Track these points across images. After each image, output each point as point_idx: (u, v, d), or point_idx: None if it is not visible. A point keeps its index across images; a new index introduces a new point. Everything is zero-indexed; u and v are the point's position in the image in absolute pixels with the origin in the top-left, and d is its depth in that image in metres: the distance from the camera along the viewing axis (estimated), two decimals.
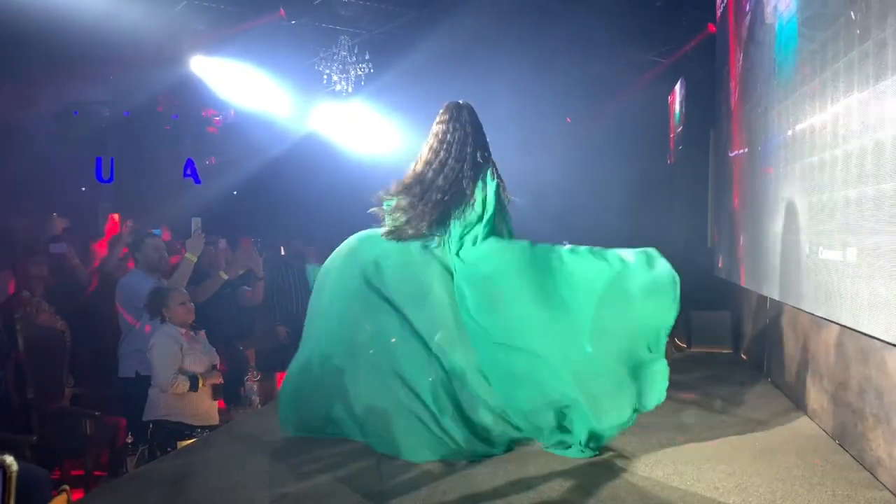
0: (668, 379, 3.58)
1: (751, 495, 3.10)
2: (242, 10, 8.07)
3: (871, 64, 2.79)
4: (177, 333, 4.70)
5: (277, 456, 3.68)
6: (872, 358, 3.38)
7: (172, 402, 4.58)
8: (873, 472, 3.33)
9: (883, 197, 2.64)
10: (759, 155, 4.87)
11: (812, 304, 3.58)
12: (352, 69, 8.22)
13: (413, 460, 3.50)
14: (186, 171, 11.57)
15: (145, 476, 3.63)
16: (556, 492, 3.15)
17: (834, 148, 3.21)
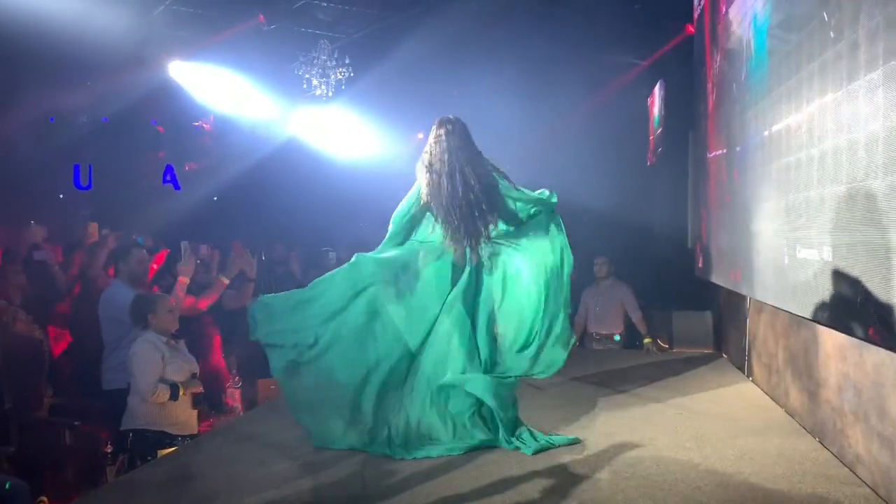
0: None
1: (733, 494, 3.12)
2: (220, 14, 8.02)
3: (844, 65, 2.82)
4: (158, 341, 4.64)
5: (259, 462, 3.66)
6: (850, 356, 3.42)
7: (152, 410, 4.53)
8: (853, 469, 3.36)
9: (857, 195, 2.67)
10: (736, 156, 4.91)
11: (790, 303, 3.62)
12: (332, 73, 8.20)
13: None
14: (166, 177, 11.49)
15: (126, 485, 3.60)
16: (538, 493, 3.15)
17: (810, 147, 3.25)
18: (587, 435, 4.03)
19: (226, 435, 4.26)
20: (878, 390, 3.09)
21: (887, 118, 2.40)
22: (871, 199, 2.54)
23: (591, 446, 3.83)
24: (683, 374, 5.71)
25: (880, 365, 3.06)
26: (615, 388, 5.24)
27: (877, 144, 2.49)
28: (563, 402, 4.83)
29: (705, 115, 6.13)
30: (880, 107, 2.45)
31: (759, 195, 4.25)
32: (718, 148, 5.63)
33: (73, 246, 7.42)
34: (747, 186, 4.59)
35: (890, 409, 2.97)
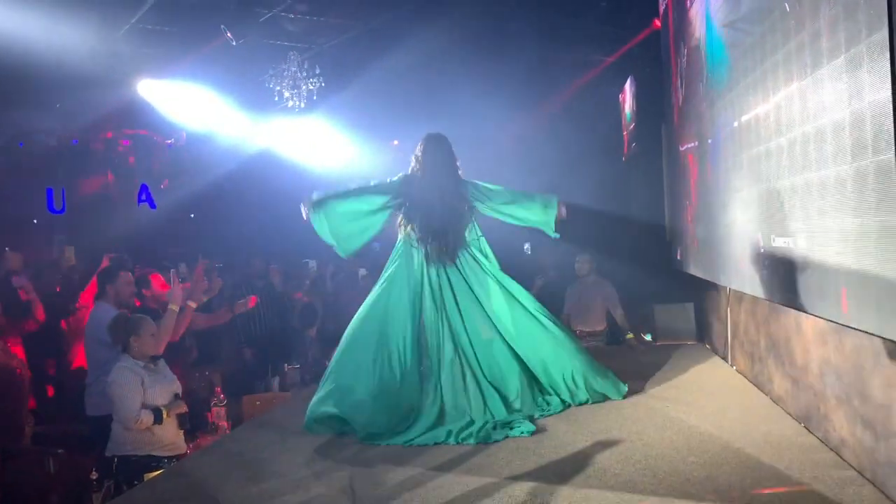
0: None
1: (721, 484, 3.14)
2: (187, 31, 7.96)
3: (807, 53, 2.85)
4: (136, 367, 4.56)
5: (248, 479, 3.63)
6: (830, 340, 3.45)
7: (137, 435, 4.46)
8: (839, 452, 3.39)
9: (827, 182, 2.69)
10: (708, 147, 4.95)
11: (769, 291, 3.65)
12: (303, 84, 8.16)
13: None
14: (141, 196, 11.41)
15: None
16: (527, 494, 3.15)
17: (779, 137, 3.28)
18: (575, 431, 4.04)
19: (212, 454, 4.22)
20: (859, 373, 3.12)
21: (852, 104, 2.42)
22: (841, 184, 2.57)
23: (580, 443, 3.84)
24: (668, 366, 5.74)
25: (859, 347, 3.10)
26: None
27: (843, 130, 2.51)
28: None
29: (676, 109, 6.18)
30: (845, 93, 2.48)
31: (733, 185, 4.29)
32: (690, 141, 5.67)
33: (42, 269, 7.34)
34: (720, 177, 4.63)
35: (871, 391, 3.00)
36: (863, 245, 2.41)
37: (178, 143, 11.31)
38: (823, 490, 3.00)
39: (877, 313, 2.32)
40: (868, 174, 2.33)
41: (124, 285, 5.33)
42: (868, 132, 2.30)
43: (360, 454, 3.91)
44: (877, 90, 2.21)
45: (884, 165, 2.20)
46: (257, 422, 4.98)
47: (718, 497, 3.00)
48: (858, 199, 2.42)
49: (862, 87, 2.33)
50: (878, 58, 2.18)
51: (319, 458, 3.90)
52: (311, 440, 4.27)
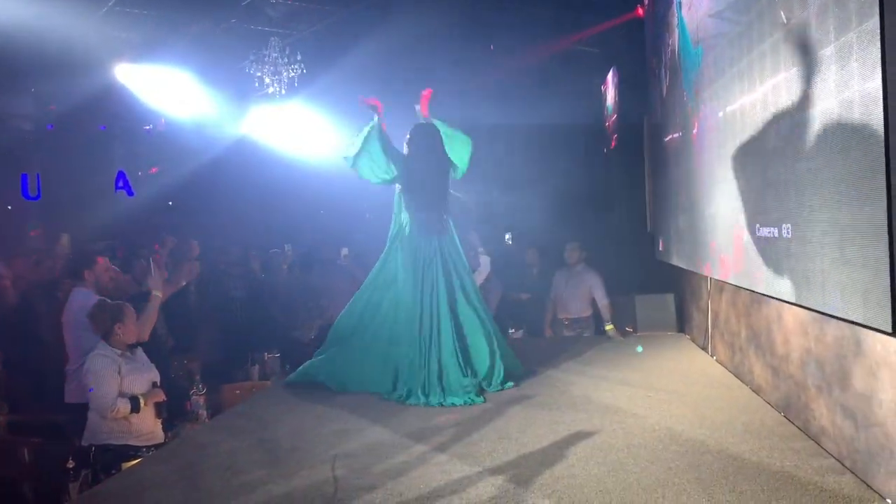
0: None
1: (704, 472, 3.15)
2: (166, 15, 7.83)
3: (795, 43, 2.84)
4: (114, 355, 4.49)
5: (227, 469, 3.58)
6: (811, 330, 3.47)
7: (114, 424, 4.39)
8: (818, 441, 3.42)
9: (814, 172, 2.70)
10: (693, 138, 4.95)
11: (752, 281, 3.66)
12: (284, 71, 8.06)
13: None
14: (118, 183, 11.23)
15: (90, 500, 3.50)
16: (511, 484, 3.14)
17: (765, 126, 3.28)
18: (557, 420, 4.05)
19: (191, 443, 4.17)
20: (840, 363, 3.14)
21: (840, 93, 2.42)
22: (828, 174, 2.57)
23: (562, 432, 3.84)
24: (649, 356, 5.77)
25: (841, 338, 3.12)
26: (583, 373, 5.27)
27: (831, 120, 2.51)
28: (532, 389, 4.84)
29: (660, 100, 6.18)
30: (833, 83, 2.48)
31: (717, 176, 4.29)
32: (674, 131, 5.67)
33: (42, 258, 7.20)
34: (705, 168, 4.63)
35: (852, 380, 3.02)
36: (849, 234, 2.41)
37: (156, 129, 11.14)
38: (804, 478, 3.02)
39: (863, 303, 2.33)
40: (857, 163, 2.33)
41: (103, 271, 5.24)
42: (857, 121, 2.30)
43: (342, 443, 3.88)
44: (866, 79, 2.21)
45: (872, 154, 2.20)
46: (237, 410, 4.93)
47: (701, 485, 3.01)
48: (846, 188, 2.42)
49: (851, 75, 2.33)
50: (869, 46, 2.17)
51: (301, 447, 3.86)
52: (291, 427, 4.24)
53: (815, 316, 3.34)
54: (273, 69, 8.02)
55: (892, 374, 2.67)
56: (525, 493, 3.04)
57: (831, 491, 2.87)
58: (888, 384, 2.70)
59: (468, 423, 4.14)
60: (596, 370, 5.33)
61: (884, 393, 2.73)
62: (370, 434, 4.03)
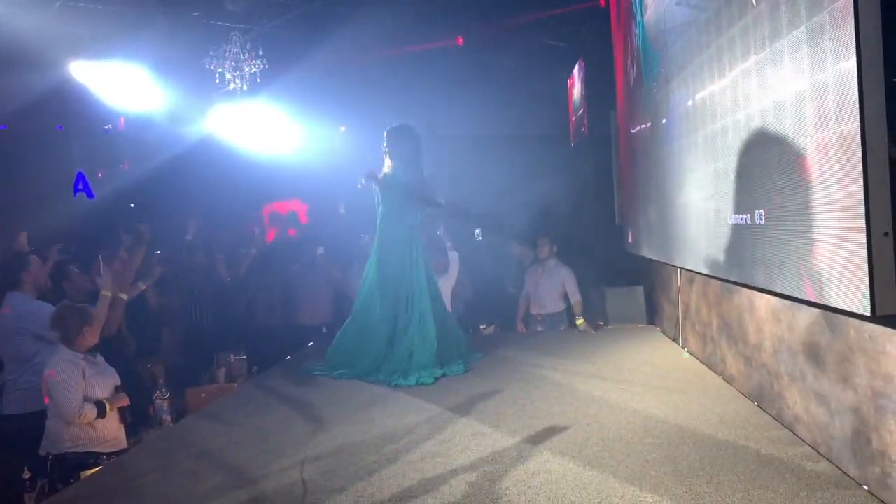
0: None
1: (680, 464, 3.11)
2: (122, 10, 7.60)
3: (765, 25, 2.81)
4: (76, 358, 4.35)
5: (192, 475, 3.46)
6: (784, 317, 3.46)
7: (77, 431, 4.25)
8: (792, 429, 3.41)
9: (787, 156, 2.66)
10: (662, 128, 4.93)
11: (724, 270, 3.63)
12: (245, 66, 7.87)
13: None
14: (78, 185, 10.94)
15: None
16: (486, 481, 3.07)
17: (735, 112, 3.24)
18: (531, 415, 3.99)
19: (155, 449, 4.03)
20: (814, 350, 3.12)
21: (813, 74, 2.38)
22: (801, 157, 2.54)
23: (536, 427, 3.78)
24: (620, 349, 5.75)
25: (813, 324, 3.10)
26: (556, 367, 5.23)
27: (804, 102, 2.48)
28: (506, 384, 4.78)
29: (627, 91, 6.16)
30: (806, 64, 2.44)
31: (687, 165, 4.27)
32: (643, 122, 5.65)
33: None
34: (674, 158, 4.61)
35: (825, 367, 3.00)
36: (825, 217, 2.37)
37: (115, 128, 10.86)
38: (781, 467, 3.00)
39: (840, 287, 2.30)
40: (830, 146, 2.29)
41: (38, 269, 5.04)
42: (831, 102, 2.26)
43: (311, 445, 3.78)
44: (841, 58, 2.17)
45: (848, 135, 2.16)
46: (203, 414, 4.79)
47: (678, 476, 2.97)
48: (819, 171, 2.38)
49: (825, 56, 2.29)
50: (843, 25, 2.13)
51: (269, 449, 3.75)
52: (259, 430, 4.13)
53: (788, 303, 3.32)
54: (234, 65, 7.84)
55: (866, 358, 2.65)
56: (500, 489, 2.97)
57: (808, 478, 2.85)
58: (862, 369, 2.68)
59: (441, 420, 4.06)
60: (569, 364, 5.30)
61: (858, 378, 2.71)
62: (340, 434, 3.93)
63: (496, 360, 5.61)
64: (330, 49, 8.28)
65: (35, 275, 5.00)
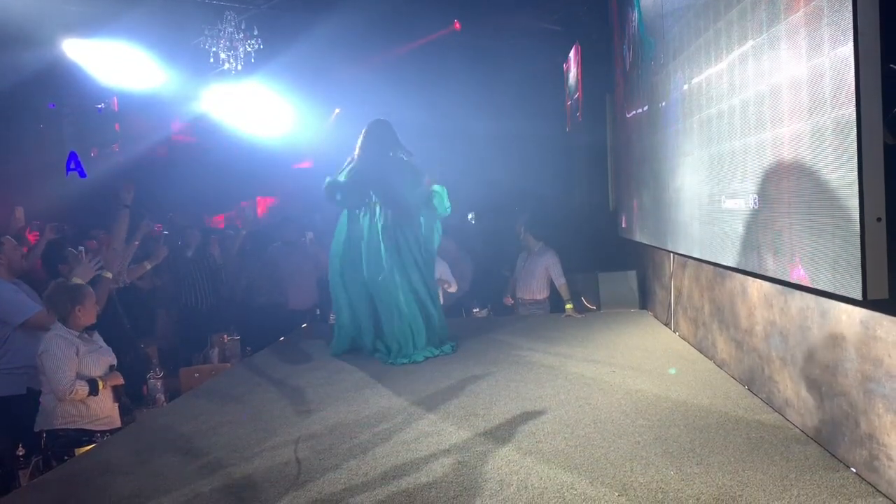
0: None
1: (671, 446, 3.14)
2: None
3: (763, 9, 2.81)
4: (70, 335, 4.35)
5: (186, 453, 3.48)
6: (776, 302, 3.48)
7: (70, 408, 4.25)
8: (783, 413, 3.44)
9: (782, 140, 2.67)
10: (657, 112, 4.93)
11: (716, 254, 3.65)
12: (240, 46, 7.82)
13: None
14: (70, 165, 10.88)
15: (42, 487, 3.35)
16: (477, 460, 3.09)
17: (731, 97, 3.25)
18: (523, 398, 4.02)
19: (149, 427, 4.05)
20: (805, 334, 3.15)
21: (811, 59, 2.39)
22: (797, 142, 2.55)
23: (529, 408, 3.81)
24: (612, 333, 5.78)
25: (805, 309, 3.12)
26: (548, 350, 5.26)
27: (801, 87, 2.48)
28: (498, 367, 4.80)
29: (624, 75, 6.15)
30: (803, 49, 2.45)
31: (682, 149, 4.27)
32: (637, 106, 5.65)
33: None
34: (669, 142, 4.61)
35: (816, 351, 3.03)
36: (819, 202, 2.39)
37: (109, 107, 10.79)
38: (770, 450, 3.03)
39: (833, 272, 2.31)
40: (826, 131, 2.30)
41: (11, 250, 5.00)
42: (827, 87, 2.27)
43: (304, 424, 3.80)
44: (838, 43, 2.18)
45: (843, 120, 2.17)
46: (196, 392, 4.80)
47: (669, 458, 3.00)
48: (814, 156, 2.40)
49: (822, 41, 2.30)
50: (841, 9, 2.14)
51: (262, 428, 3.77)
52: (253, 409, 4.14)
53: (779, 288, 3.34)
54: (229, 44, 7.78)
55: (856, 343, 2.68)
56: (492, 469, 2.99)
57: (797, 461, 2.89)
58: (853, 353, 2.71)
59: (434, 401, 4.08)
60: (561, 348, 5.32)
61: (848, 363, 2.74)
62: (333, 414, 3.95)
63: (489, 343, 5.64)
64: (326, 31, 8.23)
65: (8, 255, 4.94)
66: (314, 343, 6.07)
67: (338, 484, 2.95)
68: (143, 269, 6.36)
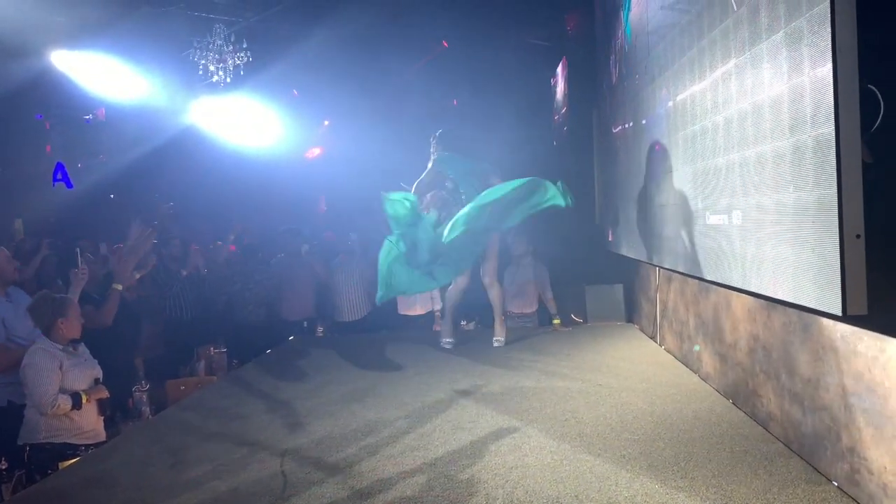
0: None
1: (656, 459, 3.16)
2: None
3: (745, 29, 2.86)
4: (54, 349, 4.33)
5: (171, 466, 3.46)
6: (759, 317, 3.52)
7: (54, 422, 4.23)
8: (766, 426, 3.47)
9: (764, 157, 2.71)
10: (643, 128, 4.98)
11: (701, 269, 3.69)
12: (229, 58, 7.84)
13: None
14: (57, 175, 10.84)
15: (24, 502, 3.34)
16: (466, 474, 3.10)
17: (715, 115, 3.30)
18: (509, 411, 4.03)
19: (134, 440, 4.03)
20: (787, 349, 3.19)
21: (791, 78, 2.43)
22: (779, 159, 2.59)
23: (515, 422, 3.82)
24: (599, 346, 5.81)
25: (788, 323, 3.16)
26: (535, 364, 5.27)
27: (782, 105, 2.53)
28: (485, 380, 4.81)
29: (610, 90, 6.21)
30: (784, 68, 2.49)
31: (667, 165, 4.32)
32: (624, 122, 5.70)
33: None
34: (654, 157, 4.66)
35: (798, 366, 3.07)
36: (800, 219, 2.42)
37: (97, 119, 10.77)
38: (754, 463, 3.06)
39: (814, 287, 2.35)
40: (806, 149, 2.34)
41: (5, 262, 5.00)
42: (808, 107, 2.31)
43: (290, 437, 3.79)
44: (817, 63, 2.22)
45: (823, 139, 2.22)
46: (182, 405, 4.78)
47: (654, 472, 3.02)
48: (795, 173, 2.44)
49: (802, 61, 2.34)
50: (820, 30, 2.18)
51: (248, 441, 3.76)
52: (239, 422, 4.13)
53: (763, 303, 3.38)
54: (218, 56, 7.80)
55: (838, 358, 2.71)
56: (478, 483, 3.00)
57: (780, 475, 2.91)
58: (834, 368, 2.74)
59: (420, 415, 4.09)
60: (548, 361, 5.34)
61: (830, 377, 2.77)
62: (320, 427, 3.95)
63: (476, 356, 5.65)
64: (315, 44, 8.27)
65: (1, 267, 4.94)
66: (301, 355, 6.06)
67: (323, 498, 2.95)
68: (133, 279, 6.31)
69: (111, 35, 8.23)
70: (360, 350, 6.11)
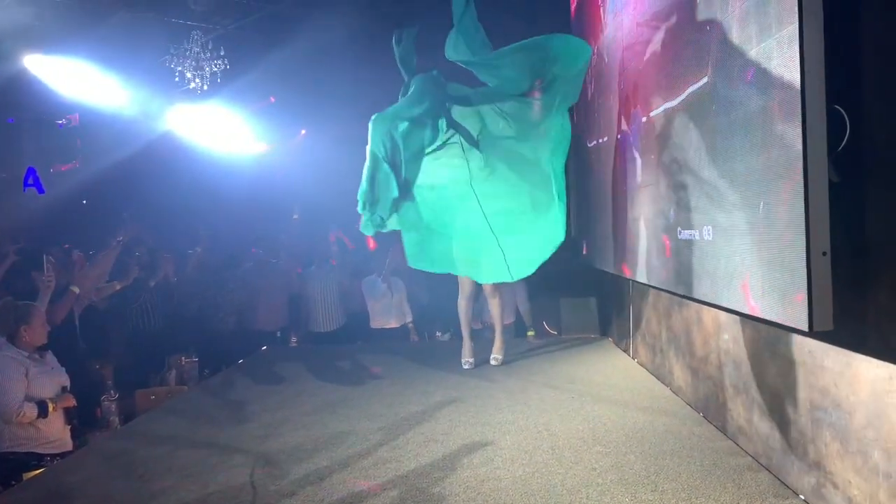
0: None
1: (627, 473, 3.18)
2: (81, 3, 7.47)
3: (718, 49, 2.90)
4: (20, 356, 4.26)
5: (139, 477, 3.42)
6: (729, 331, 3.56)
7: (19, 431, 4.16)
8: (735, 440, 3.51)
9: (735, 176, 2.75)
10: (617, 143, 5.03)
11: (673, 284, 3.72)
12: (206, 65, 7.80)
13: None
14: (28, 180, 10.69)
15: None
16: (438, 486, 3.09)
17: (687, 131, 3.33)
18: (483, 423, 4.03)
19: (101, 450, 3.97)
20: (756, 362, 3.23)
21: (762, 98, 2.47)
22: (748, 176, 2.63)
23: (487, 434, 3.82)
24: (572, 359, 5.83)
25: (757, 339, 3.20)
26: (509, 376, 5.28)
27: (752, 123, 2.57)
28: (459, 392, 4.81)
29: (585, 104, 6.26)
30: (755, 87, 2.53)
31: (640, 180, 4.36)
32: (598, 136, 5.75)
33: None
34: (628, 173, 4.71)
35: (767, 379, 3.10)
36: (768, 236, 2.46)
37: (70, 124, 10.64)
38: (723, 476, 3.08)
39: (781, 303, 2.38)
40: (775, 167, 2.38)
41: None
42: (777, 126, 2.35)
43: (261, 448, 3.76)
44: (786, 83, 2.26)
45: (791, 156, 2.25)
46: (151, 415, 4.72)
47: (624, 485, 3.04)
48: (765, 190, 2.47)
49: (771, 80, 2.38)
50: (789, 51, 2.23)
51: (217, 452, 3.72)
52: (209, 433, 4.09)
53: (733, 317, 3.42)
54: (195, 63, 7.76)
55: (806, 372, 2.75)
56: (450, 496, 3.00)
57: (748, 488, 2.94)
58: (801, 382, 2.78)
59: (393, 427, 4.07)
60: (522, 374, 5.35)
61: (797, 391, 2.81)
62: (291, 438, 3.92)
63: (451, 368, 5.64)
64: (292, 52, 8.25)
65: None
66: (274, 365, 6.01)
67: None
68: (111, 289, 6.25)
69: (87, 40, 8.14)
70: (333, 361, 6.08)
